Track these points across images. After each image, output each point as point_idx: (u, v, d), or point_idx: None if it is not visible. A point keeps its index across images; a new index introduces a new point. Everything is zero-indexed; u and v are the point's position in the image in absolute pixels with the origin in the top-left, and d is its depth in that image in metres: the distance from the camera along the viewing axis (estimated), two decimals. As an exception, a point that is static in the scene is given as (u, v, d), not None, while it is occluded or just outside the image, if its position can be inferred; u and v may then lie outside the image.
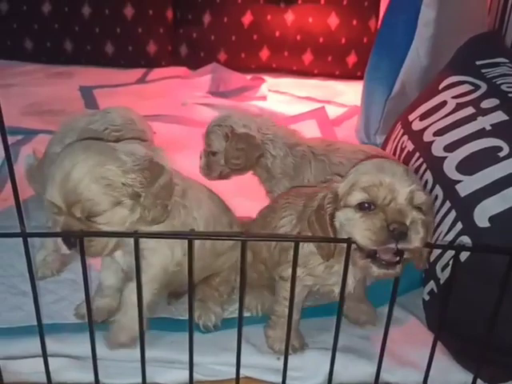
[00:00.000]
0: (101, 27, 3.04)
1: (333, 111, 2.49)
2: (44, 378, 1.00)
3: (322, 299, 1.29)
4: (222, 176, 1.49)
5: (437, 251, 1.25)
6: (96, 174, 0.99)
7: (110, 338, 1.13)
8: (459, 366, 1.12)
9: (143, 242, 1.02)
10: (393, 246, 0.91)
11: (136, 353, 0.98)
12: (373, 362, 1.07)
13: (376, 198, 0.93)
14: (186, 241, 0.84)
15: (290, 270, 1.08)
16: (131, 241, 0.86)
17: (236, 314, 1.24)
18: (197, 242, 1.11)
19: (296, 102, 2.67)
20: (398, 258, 0.94)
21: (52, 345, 1.10)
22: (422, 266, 1.04)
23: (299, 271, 1.07)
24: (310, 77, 3.03)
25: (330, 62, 3.01)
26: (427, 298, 1.27)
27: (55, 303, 1.26)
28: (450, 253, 1.19)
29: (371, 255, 0.94)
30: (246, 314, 1.24)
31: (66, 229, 0.98)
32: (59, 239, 1.00)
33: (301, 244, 0.98)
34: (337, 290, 1.09)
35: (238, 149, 1.40)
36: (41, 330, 0.96)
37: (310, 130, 2.05)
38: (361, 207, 0.94)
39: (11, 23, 3.04)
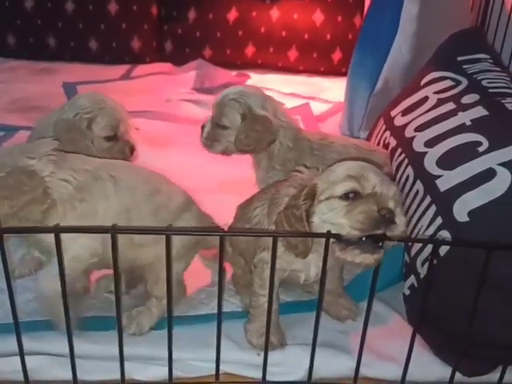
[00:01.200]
0: (84, 23, 3.00)
1: (317, 107, 2.49)
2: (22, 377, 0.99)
3: (302, 294, 1.30)
4: (225, 152, 1.45)
5: (417, 246, 1.25)
6: None
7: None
8: (439, 360, 1.13)
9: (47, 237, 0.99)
10: (381, 231, 0.92)
11: (115, 349, 0.98)
12: (353, 356, 1.07)
13: (363, 188, 0.94)
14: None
15: (259, 256, 1.12)
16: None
17: (215, 310, 1.23)
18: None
19: (281, 98, 2.61)
20: (380, 244, 0.95)
21: (30, 343, 1.10)
22: None
23: (265, 254, 1.09)
24: (296, 73, 3.02)
25: (316, 59, 3.01)
26: (408, 292, 1.27)
27: (34, 301, 1.25)
28: (430, 248, 1.18)
29: (353, 242, 0.94)
30: (227, 310, 1.24)
31: None
32: None
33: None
34: (303, 275, 1.11)
35: (254, 130, 1.36)
36: (17, 329, 0.95)
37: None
38: (346, 197, 0.95)
39: (-7, 19, 3.00)
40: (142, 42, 3.06)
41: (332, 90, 2.74)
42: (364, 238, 0.94)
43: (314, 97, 2.66)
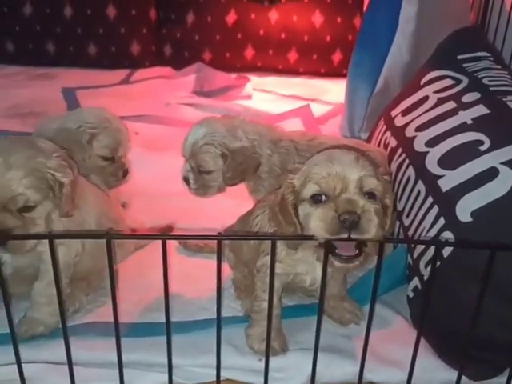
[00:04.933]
0: (83, 28, 3.00)
1: (318, 109, 2.48)
2: (19, 385, 0.98)
3: (304, 297, 1.28)
4: (218, 192, 1.44)
5: (420, 247, 1.23)
6: (29, 168, 1.01)
7: (21, 330, 1.12)
8: (444, 364, 1.11)
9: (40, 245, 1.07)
10: (345, 235, 0.91)
11: (113, 356, 0.96)
12: (356, 361, 1.05)
13: (327, 190, 0.94)
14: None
15: (262, 260, 1.11)
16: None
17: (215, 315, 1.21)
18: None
19: (281, 100, 2.65)
20: (357, 251, 0.95)
21: (27, 351, 1.08)
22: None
23: (267, 259, 1.06)
24: (296, 75, 3.01)
25: (315, 61, 2.99)
26: (411, 294, 1.25)
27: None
28: (433, 249, 1.17)
29: (331, 251, 0.95)
30: (228, 315, 1.22)
31: (0, 227, 0.97)
32: None
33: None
34: (308, 279, 1.11)
35: (238, 164, 1.35)
36: (14, 337, 0.94)
37: (294, 129, 2.01)
38: (315, 200, 0.95)
39: (-9, 26, 3.00)
40: (141, 46, 3.05)
41: (332, 92, 2.72)
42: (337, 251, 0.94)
43: (314, 98, 2.65)
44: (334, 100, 2.57)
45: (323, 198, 0.95)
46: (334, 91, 2.70)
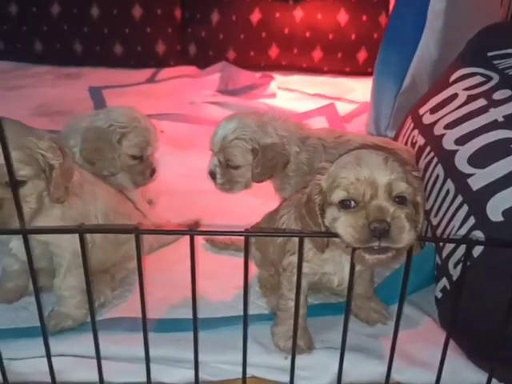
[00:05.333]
0: (109, 28, 3.04)
1: (343, 108, 2.47)
2: (49, 378, 0.99)
3: (330, 296, 1.27)
4: (245, 188, 1.43)
5: (449, 247, 1.21)
6: (20, 143, 1.02)
7: (50, 324, 1.14)
8: (473, 365, 1.09)
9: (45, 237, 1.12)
10: (376, 244, 0.89)
11: (141, 351, 0.97)
12: (383, 361, 1.04)
13: (356, 196, 0.92)
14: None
15: (288, 259, 1.10)
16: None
17: (240, 313, 1.21)
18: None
19: (305, 99, 2.64)
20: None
21: (57, 345, 1.09)
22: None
23: (294, 258, 1.07)
24: (320, 74, 3.01)
25: (340, 59, 2.98)
26: (440, 295, 1.23)
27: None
28: (463, 249, 1.15)
29: None
30: (254, 312, 1.22)
31: None
32: None
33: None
34: (336, 279, 1.09)
35: (268, 160, 1.34)
36: (44, 330, 0.95)
37: (319, 127, 2.02)
38: (343, 205, 0.93)
39: (21, 25, 3.06)
40: (166, 45, 3.08)
41: (357, 91, 2.71)
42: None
43: (339, 97, 2.64)
44: (359, 99, 2.55)
45: (352, 203, 0.93)
46: (359, 90, 2.69)
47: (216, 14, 3.01)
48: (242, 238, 1.38)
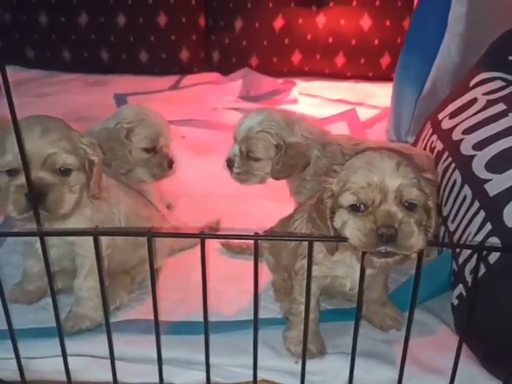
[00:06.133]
0: (135, 36, 3.10)
1: (365, 113, 2.46)
2: (65, 377, 1.01)
3: (344, 301, 1.27)
4: (260, 182, 1.44)
5: (465, 253, 1.20)
6: (66, 134, 1.08)
7: (67, 325, 1.16)
8: (487, 373, 1.07)
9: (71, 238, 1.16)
10: (382, 249, 0.90)
11: (154, 353, 0.98)
12: (395, 367, 1.03)
13: (366, 200, 0.92)
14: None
15: (300, 263, 1.11)
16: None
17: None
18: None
19: (327, 104, 2.64)
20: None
21: (74, 345, 1.12)
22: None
23: (305, 262, 1.04)
24: (343, 79, 3.00)
25: (363, 64, 2.97)
26: (456, 302, 1.22)
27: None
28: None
29: None
30: (267, 316, 1.23)
31: (35, 182, 1.00)
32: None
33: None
34: (348, 282, 1.09)
35: (289, 159, 1.35)
36: (60, 330, 0.97)
37: (340, 133, 2.02)
38: (353, 209, 0.94)
39: (50, 35, 3.14)
40: (190, 52, 3.11)
41: (380, 96, 2.69)
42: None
43: (361, 102, 2.63)
44: (382, 104, 2.54)
45: (362, 207, 0.93)
46: (382, 95, 2.67)
47: (239, 21, 3.04)
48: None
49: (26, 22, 3.15)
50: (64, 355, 0.99)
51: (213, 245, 1.50)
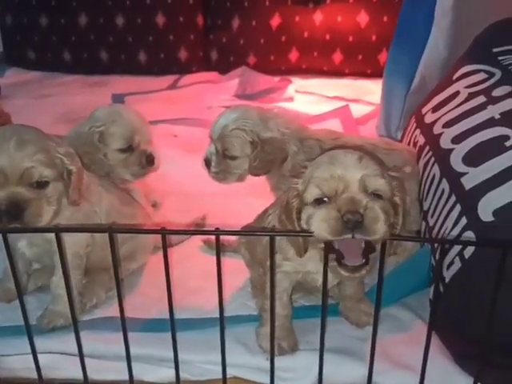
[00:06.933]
0: (134, 36, 3.12)
1: (360, 110, 2.44)
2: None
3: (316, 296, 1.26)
4: (238, 180, 1.43)
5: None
6: (42, 147, 1.08)
7: (43, 322, 1.19)
8: (460, 370, 1.05)
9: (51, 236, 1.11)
10: (349, 236, 0.88)
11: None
12: (366, 363, 1.02)
13: (329, 192, 0.92)
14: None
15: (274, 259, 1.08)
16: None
17: (231, 313, 1.22)
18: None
19: (323, 101, 2.62)
20: (364, 260, 0.93)
21: (47, 342, 1.13)
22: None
23: (276, 257, 1.05)
24: (341, 76, 2.98)
25: (361, 61, 2.95)
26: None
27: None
28: (455, 250, 1.12)
29: (338, 260, 0.94)
30: (243, 313, 1.22)
31: (12, 198, 1.02)
32: None
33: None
34: (319, 278, 1.07)
35: (266, 154, 1.34)
36: (28, 328, 0.98)
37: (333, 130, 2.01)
38: (318, 203, 0.93)
39: (50, 36, 3.17)
40: (188, 52, 3.12)
41: (377, 92, 2.62)
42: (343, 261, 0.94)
43: (357, 99, 2.62)
44: (377, 100, 2.49)
45: (326, 200, 0.93)
46: (378, 91, 2.62)
47: (236, 19, 3.04)
48: (237, 239, 1.40)
49: (26, 24, 3.19)
50: (33, 352, 1.00)
51: (195, 243, 1.50)
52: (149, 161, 1.46)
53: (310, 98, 2.69)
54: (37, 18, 3.16)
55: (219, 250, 0.90)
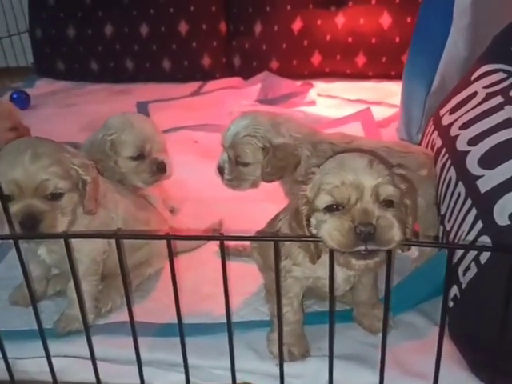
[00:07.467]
0: (158, 44, 3.14)
1: (382, 112, 2.41)
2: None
3: (337, 305, 1.24)
4: (252, 186, 1.43)
5: (458, 253, 1.15)
6: (56, 159, 1.10)
7: (59, 326, 1.22)
8: (475, 378, 1.02)
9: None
10: (362, 248, 0.87)
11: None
12: (377, 370, 1.00)
13: (341, 199, 0.90)
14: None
15: (281, 264, 1.10)
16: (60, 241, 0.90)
17: (244, 319, 1.22)
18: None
19: (346, 105, 2.59)
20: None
21: (63, 346, 1.16)
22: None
23: (286, 262, 1.08)
24: (365, 79, 2.93)
25: (385, 63, 2.90)
26: (450, 304, 1.17)
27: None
28: (471, 255, 1.09)
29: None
30: (255, 319, 1.22)
31: (28, 210, 1.05)
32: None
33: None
34: None
35: (278, 160, 1.33)
36: (41, 332, 1.00)
37: (354, 133, 1.98)
38: (329, 209, 0.92)
39: (78, 47, 3.24)
40: (211, 58, 3.14)
41: (399, 94, 2.61)
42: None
43: (380, 102, 2.58)
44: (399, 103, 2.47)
45: (338, 207, 0.92)
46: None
47: (259, 25, 3.04)
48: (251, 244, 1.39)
49: (55, 36, 3.27)
50: (48, 356, 1.02)
51: (211, 248, 1.51)
52: (160, 168, 1.48)
53: (332, 102, 2.66)
54: (65, 29, 3.23)
55: (224, 255, 0.90)
